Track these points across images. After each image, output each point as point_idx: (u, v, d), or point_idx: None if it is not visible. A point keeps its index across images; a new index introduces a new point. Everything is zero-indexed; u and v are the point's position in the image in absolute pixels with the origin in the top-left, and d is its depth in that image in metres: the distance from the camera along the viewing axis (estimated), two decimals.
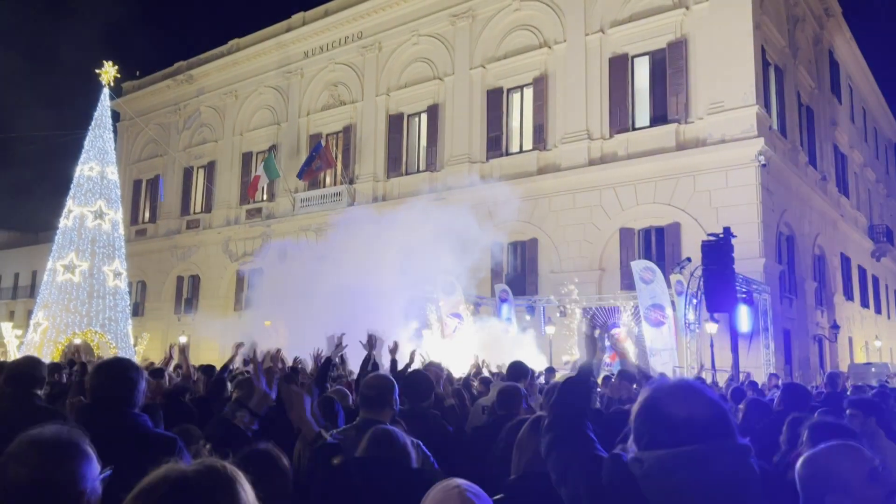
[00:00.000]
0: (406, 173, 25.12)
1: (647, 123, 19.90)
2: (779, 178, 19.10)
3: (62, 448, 1.62)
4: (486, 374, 8.66)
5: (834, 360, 22.32)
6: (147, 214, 35.21)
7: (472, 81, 23.66)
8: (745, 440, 1.72)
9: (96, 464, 1.64)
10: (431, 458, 3.12)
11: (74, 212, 19.56)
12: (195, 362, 9.22)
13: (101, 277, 19.40)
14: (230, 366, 7.35)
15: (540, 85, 22.06)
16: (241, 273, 28.00)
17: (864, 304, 27.62)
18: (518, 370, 6.05)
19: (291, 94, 29.45)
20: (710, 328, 15.05)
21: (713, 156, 18.19)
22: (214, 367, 8.57)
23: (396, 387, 3.60)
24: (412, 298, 16.31)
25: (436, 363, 7.10)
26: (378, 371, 5.25)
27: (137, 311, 30.02)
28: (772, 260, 18.11)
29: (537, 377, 8.30)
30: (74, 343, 17.92)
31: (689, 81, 19.14)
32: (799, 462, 2.08)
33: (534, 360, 12.63)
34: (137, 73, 36.41)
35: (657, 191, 19.12)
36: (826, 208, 23.68)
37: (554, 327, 18.14)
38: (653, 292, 15.54)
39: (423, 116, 25.20)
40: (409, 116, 25.71)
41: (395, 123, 25.85)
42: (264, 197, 29.42)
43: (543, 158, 21.59)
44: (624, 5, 20.61)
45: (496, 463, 3.15)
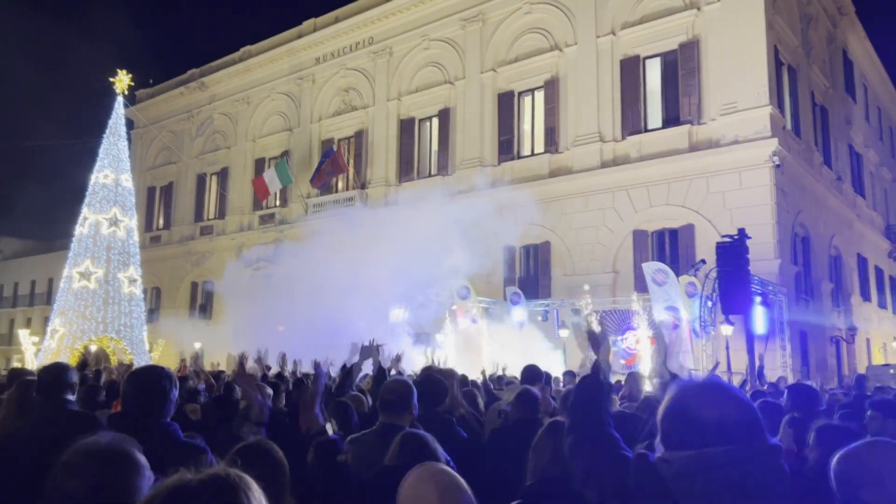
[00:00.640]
0: (418, 177, 25.16)
1: (660, 125, 19.82)
2: (793, 178, 18.96)
3: (117, 460, 1.61)
4: (503, 377, 8.65)
5: (851, 362, 22.09)
6: (161, 221, 35.45)
7: (483, 85, 23.66)
8: (775, 440, 1.71)
9: (150, 475, 1.62)
10: (452, 464, 3.11)
11: (90, 219, 19.70)
12: (210, 369, 9.27)
13: (116, 284, 19.51)
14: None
15: (551, 88, 22.03)
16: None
17: (881, 305, 27.32)
18: (532, 373, 6.04)
19: (303, 100, 29.59)
20: (726, 330, 14.94)
21: (727, 157, 18.09)
22: (224, 373, 8.66)
23: (415, 391, 3.60)
24: (424, 301, 16.32)
25: (448, 369, 7.09)
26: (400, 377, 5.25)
27: (152, 317, 30.19)
28: (787, 261, 17.96)
29: (552, 381, 8.27)
30: (90, 349, 18.06)
31: (701, 82, 19.05)
32: (835, 458, 2.12)
33: (548, 364, 12.59)
34: (150, 81, 36.79)
35: (670, 192, 19.03)
36: (842, 209, 23.47)
37: (568, 331, 18.07)
38: (666, 294, 15.44)
39: (435, 121, 25.23)
40: (420, 121, 25.75)
41: (407, 128, 25.90)
42: (277, 202, 29.55)
43: (555, 161, 21.55)
44: (635, 7, 20.56)
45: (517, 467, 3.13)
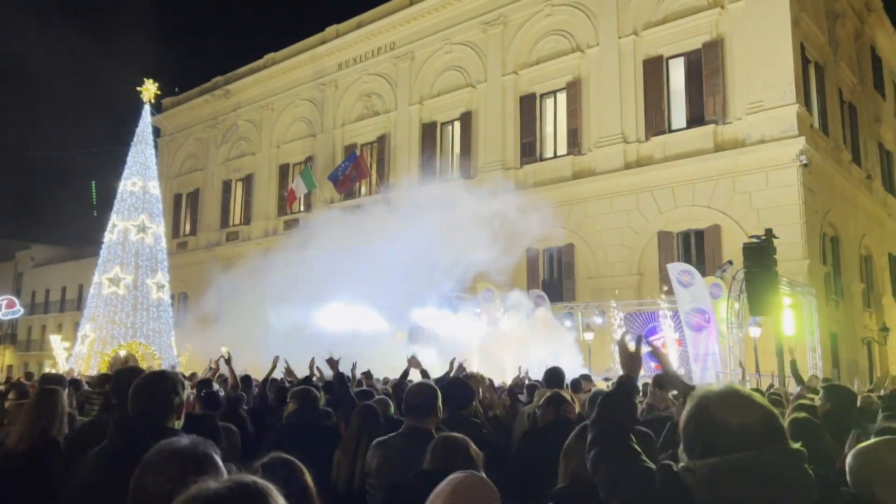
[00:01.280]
0: (440, 181, 25.17)
1: (684, 125, 19.65)
2: (821, 177, 18.67)
3: (199, 460, 1.68)
4: (528, 382, 8.63)
5: (884, 364, 21.68)
6: (188, 227, 35.92)
7: (505, 88, 23.65)
8: (798, 445, 1.70)
9: (225, 475, 1.66)
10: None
11: (118, 226, 20.03)
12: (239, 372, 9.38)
13: (144, 290, 19.81)
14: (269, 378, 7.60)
15: (573, 89, 21.95)
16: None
17: None
18: (555, 376, 6.03)
19: (326, 106, 29.81)
20: (754, 332, 14.75)
21: (753, 156, 17.88)
22: (250, 377, 8.78)
23: (440, 395, 3.61)
24: (448, 303, 16.34)
25: (476, 373, 7.10)
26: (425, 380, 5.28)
27: (180, 322, 30.54)
28: (816, 261, 17.68)
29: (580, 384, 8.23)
30: (120, 354, 18.33)
31: (726, 82, 18.85)
32: (849, 455, 2.17)
33: (573, 367, 12.54)
34: (176, 90, 37.29)
35: (696, 193, 18.84)
36: (872, 207, 23.06)
37: (592, 333, 17.98)
38: (692, 296, 15.29)
39: (457, 124, 25.27)
40: (442, 125, 25.80)
41: (429, 132, 25.97)
42: (301, 208, 29.77)
43: (578, 163, 21.46)
44: (657, 7, 20.41)
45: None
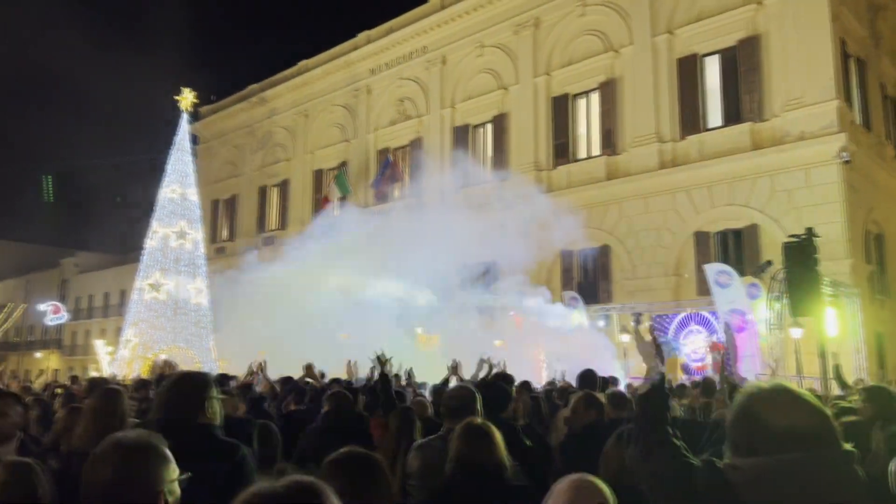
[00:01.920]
0: (473, 184, 25.14)
1: (720, 123, 19.35)
2: (864, 173, 18.22)
3: (142, 450, 1.79)
4: (563, 385, 8.60)
5: None
6: (225, 232, 36.52)
7: (538, 89, 23.57)
8: (848, 446, 1.67)
9: (174, 467, 1.81)
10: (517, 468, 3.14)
11: (159, 232, 20.45)
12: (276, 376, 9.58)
13: (184, 295, 20.19)
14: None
15: (607, 89, 21.78)
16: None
17: None
18: (588, 379, 6.01)
19: (359, 112, 30.06)
20: (795, 332, 14.45)
21: (792, 154, 17.52)
22: (292, 377, 8.94)
23: (478, 397, 3.64)
24: (483, 307, 16.35)
25: (510, 375, 7.08)
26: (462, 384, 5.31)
27: (219, 326, 31.02)
28: (860, 260, 17.26)
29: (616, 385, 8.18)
30: (161, 358, 18.70)
31: (763, 78, 18.52)
32: (893, 461, 2.13)
33: (609, 370, 12.41)
34: (213, 98, 38.01)
35: (733, 192, 18.54)
36: None
37: (629, 335, 17.79)
38: (731, 296, 15.06)
39: (489, 127, 25.26)
40: (474, 127, 25.82)
41: (461, 135, 26.00)
42: (336, 213, 30.02)
43: (612, 163, 21.28)
44: (692, 4, 20.13)
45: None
